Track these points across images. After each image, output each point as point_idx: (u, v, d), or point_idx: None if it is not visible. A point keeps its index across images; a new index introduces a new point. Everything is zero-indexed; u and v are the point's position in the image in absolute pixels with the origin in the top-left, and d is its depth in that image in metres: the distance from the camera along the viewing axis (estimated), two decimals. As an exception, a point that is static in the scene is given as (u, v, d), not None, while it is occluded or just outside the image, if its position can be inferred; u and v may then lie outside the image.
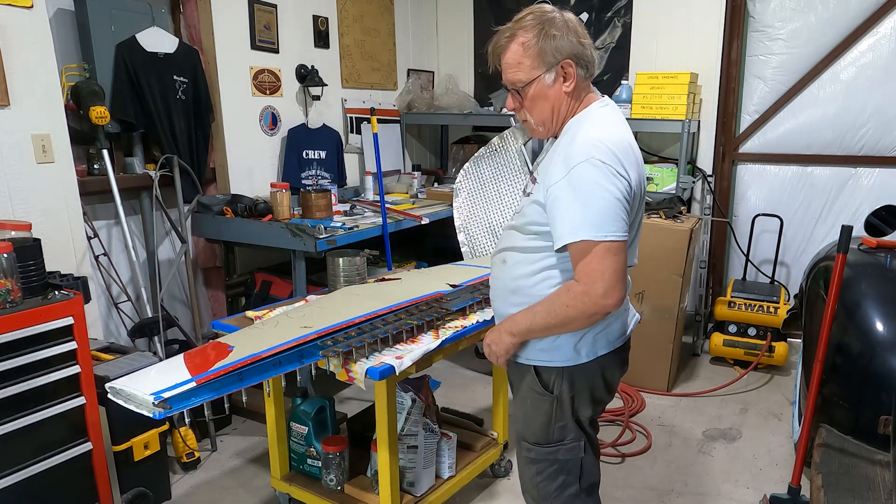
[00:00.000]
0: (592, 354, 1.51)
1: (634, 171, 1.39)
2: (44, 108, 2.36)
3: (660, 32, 4.03)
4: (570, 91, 1.43)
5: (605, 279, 1.32)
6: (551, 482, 1.59)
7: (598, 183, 1.32)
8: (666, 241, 3.29)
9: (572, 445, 1.56)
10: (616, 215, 1.32)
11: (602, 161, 1.32)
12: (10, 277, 1.86)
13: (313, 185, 3.67)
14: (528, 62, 1.41)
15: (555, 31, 1.39)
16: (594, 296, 1.34)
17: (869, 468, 2.05)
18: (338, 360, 1.78)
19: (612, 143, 1.36)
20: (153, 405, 1.35)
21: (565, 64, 1.40)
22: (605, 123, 1.42)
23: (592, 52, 1.45)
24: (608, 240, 1.31)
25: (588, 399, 1.55)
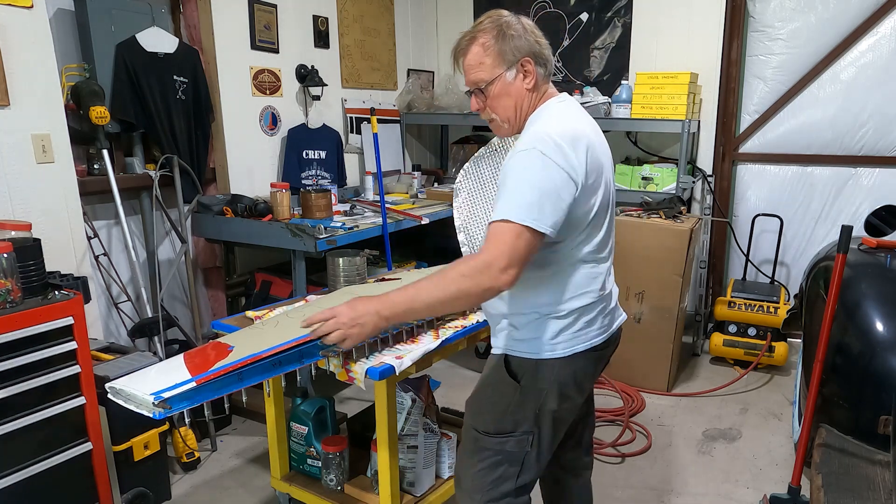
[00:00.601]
0: (569, 350, 1.51)
1: (583, 164, 1.38)
2: (44, 108, 2.36)
3: (660, 32, 4.03)
4: (530, 88, 1.50)
5: (510, 256, 1.32)
6: (489, 474, 1.57)
7: (532, 172, 1.35)
8: (666, 241, 3.29)
9: (521, 438, 1.54)
10: (541, 205, 1.33)
11: (542, 152, 1.35)
12: (10, 277, 1.86)
13: (313, 185, 3.67)
14: (489, 62, 1.48)
15: (512, 32, 1.47)
16: (495, 268, 1.33)
17: (869, 468, 2.05)
18: (338, 360, 1.78)
19: (560, 136, 1.38)
20: (153, 405, 1.35)
21: (524, 62, 1.47)
22: (559, 117, 1.46)
23: (549, 53, 1.53)
24: (524, 224, 1.32)
25: (556, 393, 1.52)
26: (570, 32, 4.33)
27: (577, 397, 1.58)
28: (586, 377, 1.58)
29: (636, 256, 3.36)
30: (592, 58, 4.31)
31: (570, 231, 1.44)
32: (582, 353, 1.53)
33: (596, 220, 1.47)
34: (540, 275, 1.48)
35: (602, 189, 1.46)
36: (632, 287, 3.41)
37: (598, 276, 1.54)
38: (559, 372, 1.51)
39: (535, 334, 1.51)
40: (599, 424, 3.08)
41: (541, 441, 1.56)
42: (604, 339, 1.57)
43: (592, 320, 1.53)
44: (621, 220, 3.43)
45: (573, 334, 1.51)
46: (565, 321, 1.50)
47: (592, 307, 1.53)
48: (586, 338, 1.53)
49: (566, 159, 1.36)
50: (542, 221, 1.33)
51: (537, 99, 1.52)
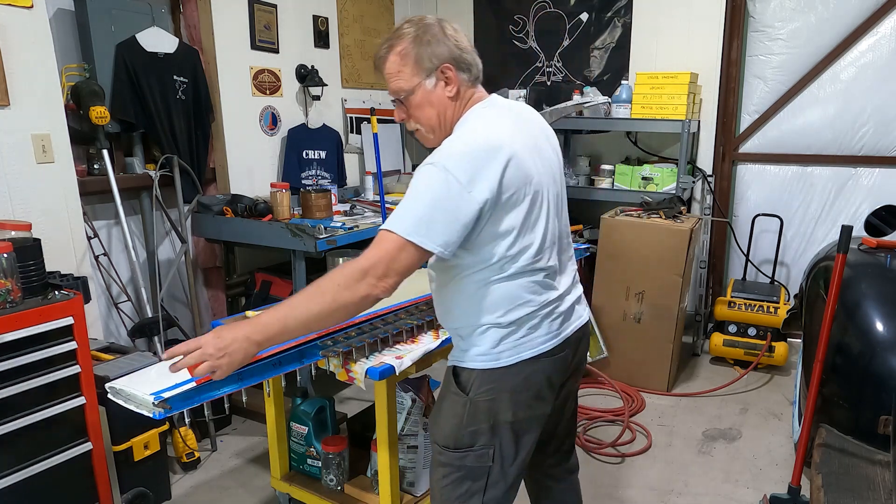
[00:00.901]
0: (514, 358, 1.45)
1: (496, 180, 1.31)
2: (44, 108, 2.36)
3: (660, 32, 4.03)
4: (452, 95, 1.44)
5: (387, 265, 1.29)
6: (455, 489, 1.51)
7: (432, 188, 1.31)
8: (666, 241, 3.29)
9: (481, 453, 1.48)
10: (432, 223, 1.29)
11: (447, 168, 1.30)
12: (10, 277, 1.87)
13: (313, 185, 3.67)
14: (407, 70, 1.43)
15: (429, 38, 1.41)
16: (372, 276, 1.30)
17: (869, 468, 2.05)
18: (338, 360, 1.78)
19: (472, 150, 1.32)
20: (153, 405, 1.35)
21: (444, 68, 1.41)
22: (478, 127, 1.40)
23: (474, 56, 1.46)
24: (409, 239, 1.29)
25: (509, 402, 1.46)
26: (570, 32, 4.33)
27: (537, 405, 1.51)
28: (545, 383, 1.50)
29: (636, 256, 3.36)
30: (592, 58, 4.31)
31: (495, 246, 1.38)
32: (530, 360, 1.46)
33: (526, 231, 1.40)
34: (476, 287, 1.43)
35: (530, 199, 1.38)
36: (632, 287, 3.41)
37: (537, 285, 1.45)
38: (507, 381, 1.45)
39: (477, 345, 1.46)
40: (600, 424, 3.09)
41: (503, 454, 1.49)
42: (554, 343, 1.49)
43: (536, 326, 1.46)
44: (621, 220, 3.43)
45: (516, 342, 1.45)
46: (506, 330, 1.44)
47: (534, 315, 1.45)
48: (532, 345, 1.46)
49: (473, 177, 1.30)
50: (429, 239, 1.29)
51: (462, 106, 1.46)
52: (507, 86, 4.46)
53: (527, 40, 4.49)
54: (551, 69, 4.46)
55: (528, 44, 4.48)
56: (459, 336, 1.51)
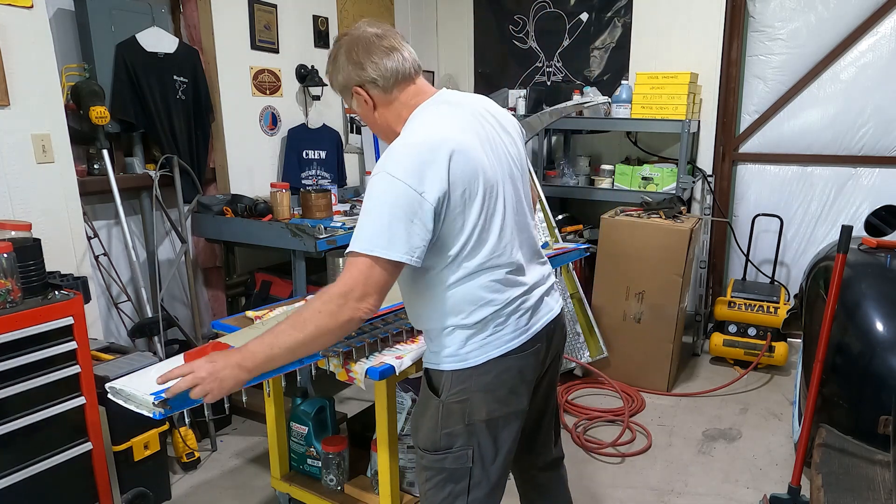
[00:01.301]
0: (483, 357, 1.45)
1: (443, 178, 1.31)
2: (44, 108, 2.36)
3: (660, 32, 4.03)
4: (370, 106, 1.48)
5: (364, 285, 1.30)
6: (439, 492, 1.52)
7: (381, 197, 1.31)
8: (666, 241, 3.29)
9: (460, 454, 1.48)
10: (391, 233, 1.29)
11: (390, 174, 1.31)
12: (10, 277, 1.87)
13: (313, 185, 3.67)
14: (341, 95, 1.53)
15: (335, 70, 1.49)
16: (351, 298, 1.31)
17: (869, 468, 2.05)
18: (338, 360, 1.78)
19: (413, 149, 1.33)
20: (153, 405, 1.35)
21: (355, 91, 1.48)
22: (416, 127, 1.41)
23: (378, 65, 1.44)
24: (373, 255, 1.29)
25: (482, 400, 1.46)
26: (570, 32, 4.34)
27: (511, 402, 1.49)
28: (517, 379, 1.49)
29: (636, 256, 3.36)
30: (592, 58, 4.31)
31: (451, 246, 1.37)
32: (499, 359, 1.45)
33: (481, 227, 1.39)
34: (438, 290, 1.43)
35: (482, 194, 1.37)
36: (632, 287, 3.41)
37: (499, 283, 1.44)
38: (477, 381, 1.45)
39: (446, 346, 1.46)
40: (599, 424, 3.09)
41: (482, 454, 1.49)
42: (523, 340, 1.48)
43: (503, 324, 1.46)
44: (621, 220, 3.43)
45: (482, 341, 1.45)
46: (472, 330, 1.44)
47: (499, 314, 1.45)
48: (499, 343, 1.46)
49: (421, 178, 1.30)
50: (394, 250, 1.29)
51: (397, 111, 1.47)
52: (507, 86, 4.46)
53: (527, 40, 4.49)
54: (551, 69, 4.46)
55: (528, 44, 4.49)
56: (429, 338, 1.52)
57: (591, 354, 3.44)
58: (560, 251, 2.73)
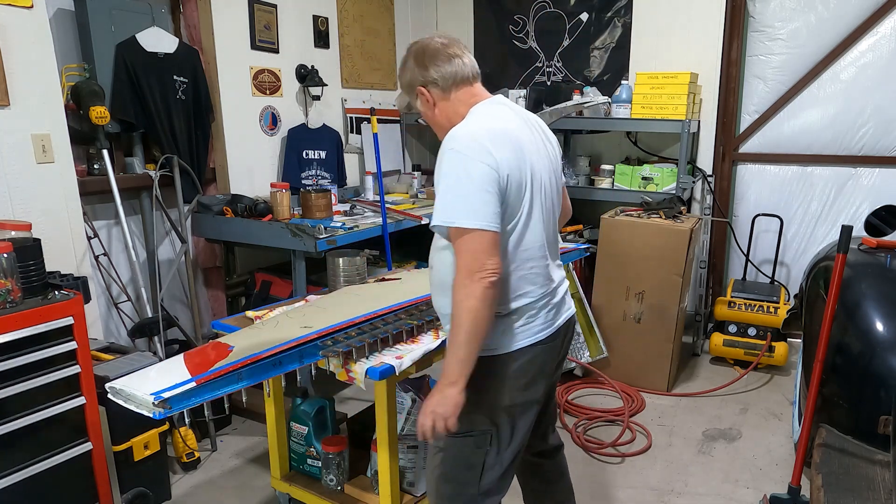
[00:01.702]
0: (512, 347, 1.55)
1: (505, 159, 1.44)
2: (44, 108, 2.36)
3: (660, 32, 4.03)
4: (433, 107, 1.63)
5: (474, 256, 1.40)
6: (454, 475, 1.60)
7: (456, 170, 1.43)
8: (666, 241, 3.29)
9: (479, 437, 1.58)
10: (472, 202, 1.40)
11: (459, 151, 1.43)
12: (10, 277, 1.87)
13: (313, 185, 3.67)
14: (409, 97, 1.70)
15: (404, 72, 1.66)
16: (473, 272, 1.40)
17: (869, 468, 2.05)
18: (338, 360, 1.78)
19: (478, 131, 1.47)
20: (153, 405, 1.35)
21: (419, 91, 1.63)
22: (476, 119, 1.54)
23: (440, 69, 1.59)
24: (462, 226, 1.40)
25: (506, 388, 1.56)
26: (570, 32, 4.33)
27: (532, 391, 1.60)
28: (538, 371, 1.60)
29: (636, 256, 3.36)
30: (592, 58, 4.31)
31: (504, 227, 1.48)
32: (527, 349, 1.56)
33: (527, 217, 1.52)
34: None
35: (530, 186, 1.51)
36: (632, 287, 3.41)
37: (537, 275, 1.56)
38: (503, 368, 1.55)
39: None
40: (600, 424, 3.09)
41: (500, 438, 1.59)
42: (549, 333, 1.60)
43: (534, 316, 1.57)
44: (621, 220, 3.43)
45: (515, 331, 1.55)
46: (508, 319, 1.54)
47: (534, 305, 1.56)
48: (529, 333, 1.57)
49: (486, 154, 1.42)
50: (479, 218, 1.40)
51: (453, 110, 1.60)
52: (507, 86, 4.46)
53: (527, 40, 4.49)
54: (551, 69, 4.46)
55: (528, 44, 4.48)
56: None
57: (591, 354, 3.44)
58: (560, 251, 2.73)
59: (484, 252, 1.40)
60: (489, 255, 1.40)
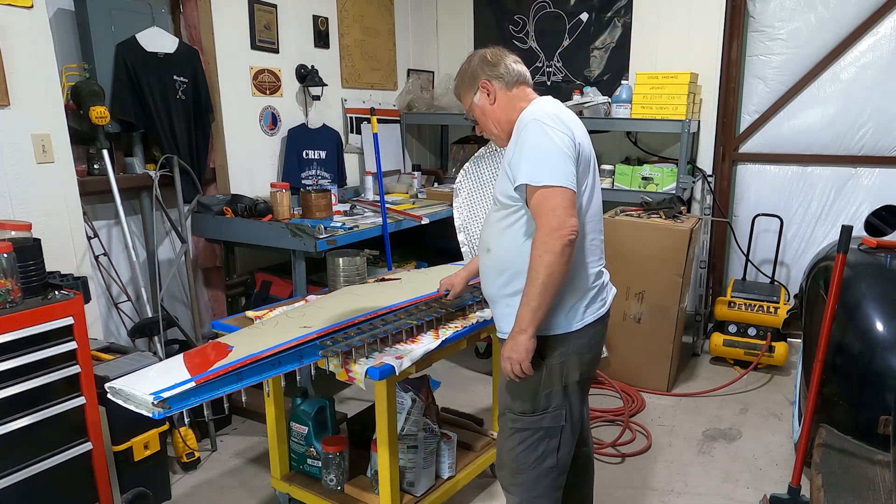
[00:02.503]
0: (581, 323, 1.68)
1: (577, 132, 1.62)
2: (44, 108, 2.36)
3: (660, 32, 4.03)
4: (493, 102, 1.76)
5: (556, 213, 1.51)
6: (532, 452, 1.71)
7: (540, 137, 1.57)
8: (666, 241, 3.29)
9: (556, 413, 1.69)
10: (556, 163, 1.54)
11: (541, 121, 1.58)
12: (10, 277, 1.87)
13: (313, 185, 3.67)
14: (464, 95, 1.83)
15: (469, 68, 1.79)
16: (554, 229, 1.51)
17: (869, 468, 2.05)
18: (338, 360, 1.78)
19: (552, 111, 1.62)
20: (152, 405, 1.35)
21: (482, 84, 1.76)
22: (544, 104, 1.69)
23: (507, 67, 1.76)
24: (546, 184, 1.52)
25: (577, 363, 1.69)
26: (570, 32, 4.33)
27: (593, 364, 1.77)
28: (599, 344, 1.76)
29: (636, 256, 3.36)
30: (592, 58, 4.31)
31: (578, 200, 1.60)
32: (592, 324, 1.70)
33: (589, 191, 1.67)
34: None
35: (591, 165, 1.69)
36: (632, 287, 3.41)
37: (597, 247, 1.72)
38: (575, 344, 1.68)
39: (551, 313, 1.63)
40: (600, 424, 3.09)
41: (572, 414, 1.72)
42: (605, 310, 1.76)
43: (595, 295, 1.71)
44: (621, 220, 3.43)
45: (583, 308, 1.68)
46: (576, 296, 1.66)
47: (594, 284, 1.70)
48: (593, 310, 1.71)
49: (564, 126, 1.59)
50: (560, 176, 1.53)
51: (511, 106, 1.74)
52: (507, 86, 4.45)
53: (527, 40, 4.49)
54: (551, 69, 4.46)
55: (528, 44, 4.49)
56: None
57: (591, 354, 3.44)
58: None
59: (565, 210, 1.51)
60: (570, 214, 1.52)
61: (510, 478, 1.76)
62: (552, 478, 1.73)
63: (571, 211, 1.52)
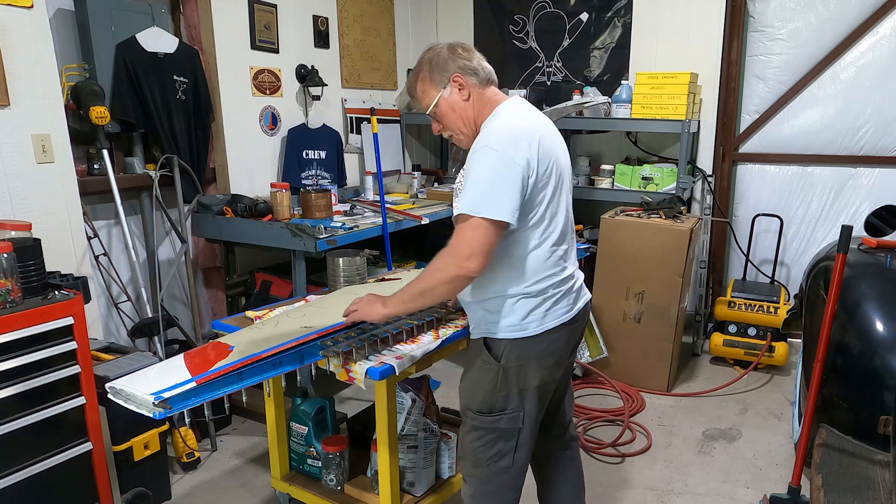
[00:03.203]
0: (541, 328, 1.65)
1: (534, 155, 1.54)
2: (44, 108, 2.36)
3: (660, 32, 4.03)
4: (467, 98, 1.68)
5: (469, 246, 1.50)
6: (488, 450, 1.71)
7: (486, 167, 1.52)
8: (666, 241, 3.29)
9: (513, 416, 1.68)
10: (496, 196, 1.49)
11: (492, 148, 1.52)
12: (10, 277, 1.87)
13: (313, 185, 3.67)
14: (429, 89, 1.71)
15: (438, 60, 1.68)
16: (458, 258, 1.50)
17: (869, 468, 2.05)
18: (338, 360, 1.78)
19: (510, 131, 1.56)
20: (153, 405, 1.35)
21: (454, 77, 1.67)
22: (507, 116, 1.63)
23: (480, 63, 1.71)
24: (479, 216, 1.49)
25: (536, 368, 1.66)
26: (570, 32, 4.33)
27: (555, 370, 1.72)
28: (562, 350, 1.72)
29: (636, 256, 3.36)
30: (592, 58, 4.31)
31: (530, 218, 1.58)
32: (553, 329, 1.66)
33: (552, 205, 1.62)
34: (506, 260, 1.61)
35: (555, 177, 1.61)
36: (632, 287, 3.41)
37: (559, 259, 1.67)
38: (534, 348, 1.65)
39: (508, 316, 1.64)
40: (600, 424, 3.09)
41: (530, 417, 1.70)
42: (572, 315, 1.71)
43: (559, 300, 1.67)
44: (621, 220, 3.43)
45: (543, 313, 1.65)
46: (535, 301, 1.63)
47: (558, 286, 1.66)
48: (555, 315, 1.67)
49: (517, 151, 1.52)
50: (498, 211, 1.48)
51: (482, 106, 1.68)
52: (507, 86, 4.46)
53: (527, 40, 4.49)
54: (551, 69, 4.46)
55: (528, 44, 4.48)
56: (487, 311, 1.67)
57: (591, 354, 3.44)
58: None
59: (480, 248, 1.49)
60: (482, 252, 1.50)
61: (469, 468, 1.78)
62: (507, 477, 1.74)
63: (486, 248, 1.49)
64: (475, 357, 1.72)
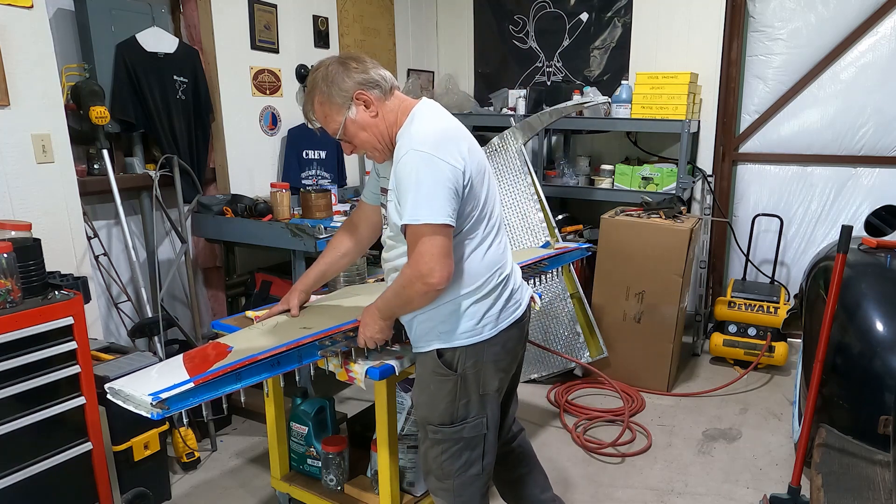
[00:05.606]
0: (494, 330, 1.64)
1: (464, 153, 1.52)
2: (44, 108, 2.36)
3: (660, 32, 4.03)
4: (375, 114, 1.60)
5: (427, 261, 1.47)
6: (455, 461, 1.68)
7: (419, 172, 1.47)
8: (666, 241, 3.29)
9: (476, 422, 1.66)
10: (435, 199, 1.46)
11: (420, 151, 1.48)
12: (10, 277, 1.86)
13: (313, 185, 3.67)
14: (331, 112, 1.61)
15: (331, 78, 1.59)
16: (421, 276, 1.49)
17: (869, 468, 2.05)
18: (338, 360, 1.78)
19: (436, 133, 1.53)
20: (151, 405, 1.35)
21: (357, 95, 1.58)
22: (428, 118, 1.59)
23: (377, 72, 1.63)
24: (425, 223, 1.46)
25: (493, 371, 1.66)
26: (570, 32, 4.33)
27: (510, 371, 1.75)
28: (516, 348, 1.73)
29: (636, 256, 3.36)
30: (592, 58, 4.31)
31: (472, 215, 1.57)
32: (506, 329, 1.66)
33: (490, 202, 1.63)
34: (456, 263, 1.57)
35: (486, 176, 1.62)
36: (632, 287, 3.41)
37: (502, 254, 1.67)
38: (490, 352, 1.64)
39: (462, 322, 1.62)
40: (599, 424, 3.09)
41: (493, 421, 1.70)
42: (520, 312, 1.71)
43: (508, 297, 1.68)
44: (621, 220, 3.43)
45: (497, 313, 1.64)
46: (488, 302, 1.63)
47: (506, 285, 1.66)
48: (506, 314, 1.67)
49: (447, 152, 1.49)
50: (441, 214, 1.46)
51: (394, 116, 1.62)
52: (506, 86, 4.46)
53: (527, 40, 4.49)
54: (551, 69, 4.46)
55: (528, 44, 4.48)
56: (440, 319, 1.64)
57: (591, 354, 3.44)
58: (560, 251, 2.73)
59: (437, 256, 1.47)
60: (441, 260, 1.48)
61: (437, 483, 1.74)
62: (479, 484, 1.73)
63: (443, 255, 1.48)
64: (426, 370, 1.68)
